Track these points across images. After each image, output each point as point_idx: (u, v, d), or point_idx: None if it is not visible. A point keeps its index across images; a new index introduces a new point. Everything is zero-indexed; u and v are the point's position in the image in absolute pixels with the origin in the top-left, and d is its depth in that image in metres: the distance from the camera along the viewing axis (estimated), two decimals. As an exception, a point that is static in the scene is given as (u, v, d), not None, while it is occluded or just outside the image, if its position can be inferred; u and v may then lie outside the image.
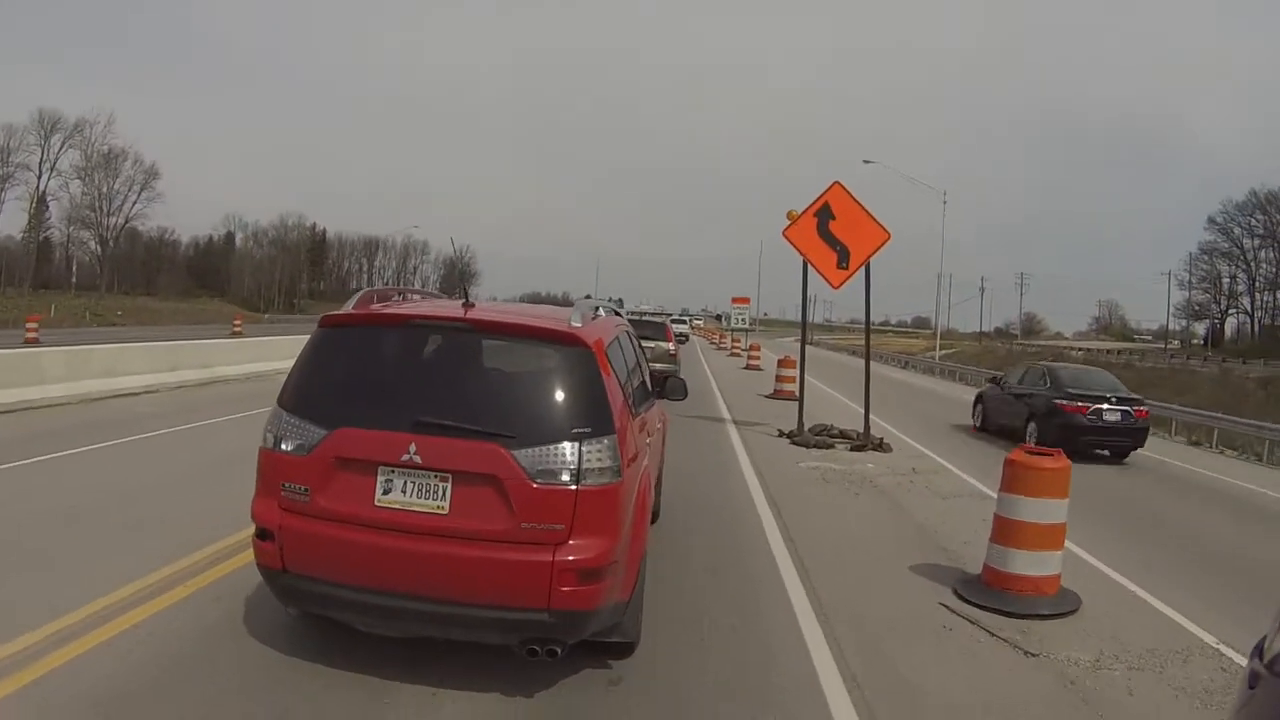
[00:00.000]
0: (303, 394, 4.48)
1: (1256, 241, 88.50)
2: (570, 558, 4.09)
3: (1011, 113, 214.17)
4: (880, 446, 13.95)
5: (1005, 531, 6.47)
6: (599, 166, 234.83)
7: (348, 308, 4.86)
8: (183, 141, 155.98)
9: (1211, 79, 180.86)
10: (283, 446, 4.34)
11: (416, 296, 6.09)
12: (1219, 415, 25.82)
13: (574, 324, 4.61)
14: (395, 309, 5.03)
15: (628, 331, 6.34)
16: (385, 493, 4.18)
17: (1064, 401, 15.83)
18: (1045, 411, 16.10)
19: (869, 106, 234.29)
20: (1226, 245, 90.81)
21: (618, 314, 6.68)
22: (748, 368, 36.32)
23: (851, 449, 13.77)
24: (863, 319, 15.03)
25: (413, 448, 4.13)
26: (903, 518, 9.29)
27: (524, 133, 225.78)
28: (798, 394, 15.83)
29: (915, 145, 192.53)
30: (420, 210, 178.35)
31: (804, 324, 16.74)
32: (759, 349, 40.68)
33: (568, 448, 4.17)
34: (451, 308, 4.93)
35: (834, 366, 43.38)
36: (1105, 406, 15.72)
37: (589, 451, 4.20)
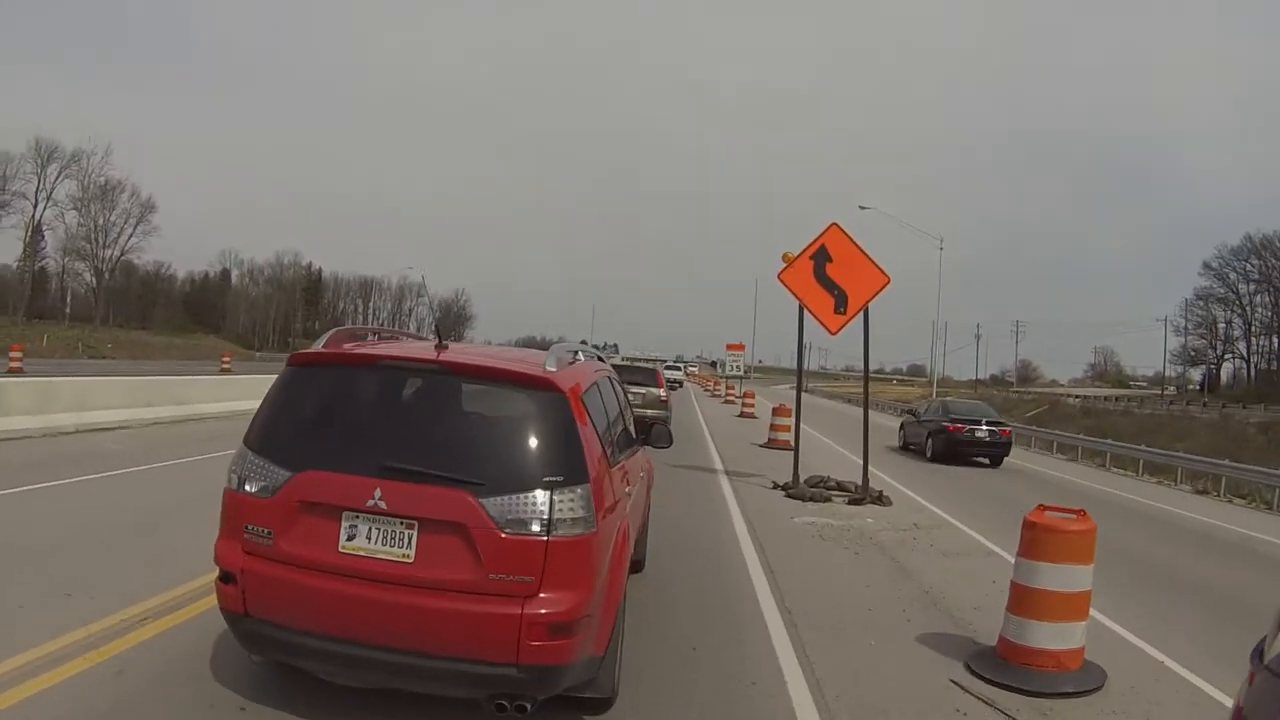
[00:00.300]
0: (269, 434, 4.36)
1: (1252, 286, 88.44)
2: (540, 611, 3.93)
3: (1008, 155, 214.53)
4: (880, 500, 13.32)
5: (1024, 601, 5.84)
6: (598, 168, 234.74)
7: (317, 346, 4.75)
8: (178, 150, 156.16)
9: (1209, 119, 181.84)
10: (246, 487, 4.23)
11: (408, 338, 5.97)
12: (1225, 462, 25.30)
13: (548, 368, 4.44)
14: (366, 349, 4.89)
15: (610, 377, 6.16)
16: (350, 539, 4.04)
17: (949, 424, 22.93)
18: (937, 431, 23.10)
19: (865, 146, 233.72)
20: (1222, 291, 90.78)
21: (600, 359, 6.59)
22: (742, 415, 35.73)
23: (849, 502, 13.15)
24: (858, 366, 14.53)
25: (378, 493, 4.00)
26: (906, 579, 8.65)
27: (520, 136, 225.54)
28: (793, 444, 15.24)
29: (911, 190, 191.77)
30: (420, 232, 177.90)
31: (799, 371, 16.16)
32: (753, 396, 40.12)
33: (538, 497, 4.02)
34: (423, 349, 4.82)
35: (830, 415, 43.01)
36: (978, 427, 22.91)
37: (561, 501, 4.04)
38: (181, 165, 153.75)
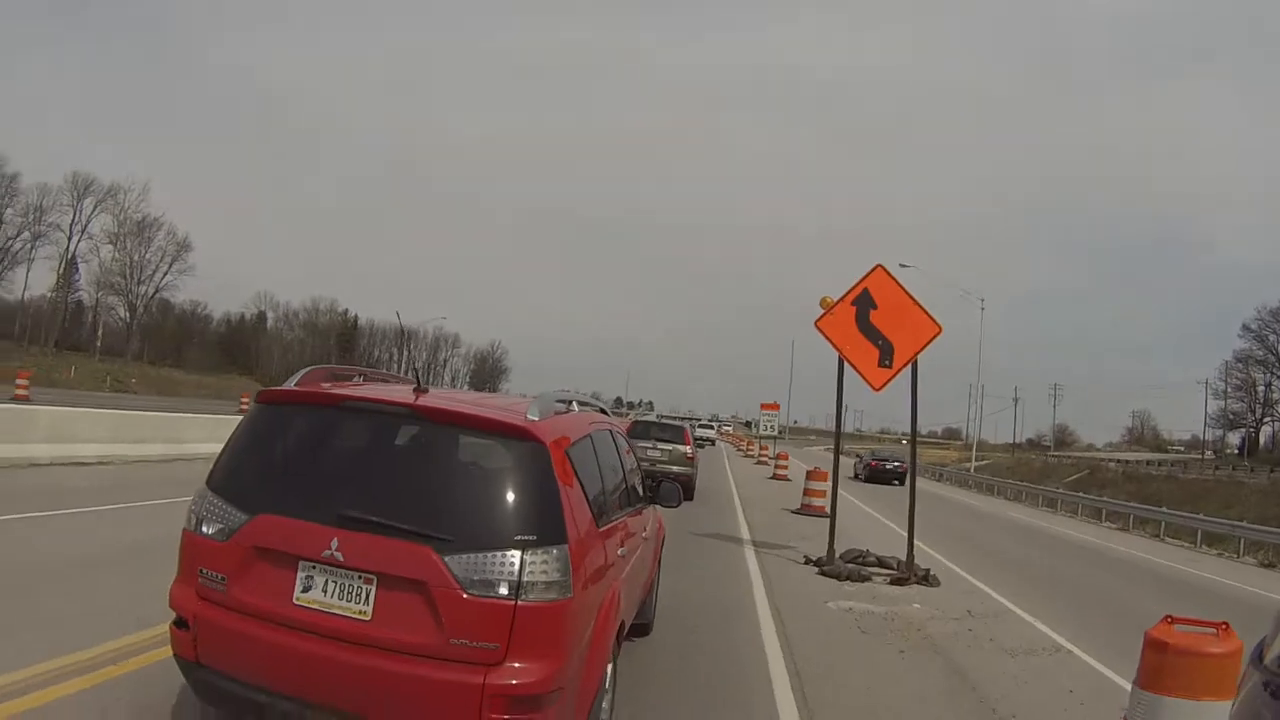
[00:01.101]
0: (230, 474, 4.19)
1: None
2: (507, 681, 3.62)
3: (1045, 219, 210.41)
4: (927, 579, 11.78)
5: (1146, 752, 4.41)
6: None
7: (290, 384, 4.48)
8: (221, 188, 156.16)
9: (1247, 181, 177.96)
10: (203, 529, 4.03)
11: (399, 381, 5.55)
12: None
13: (530, 417, 4.11)
14: (336, 389, 4.56)
15: (611, 430, 5.79)
16: (305, 590, 3.81)
17: (872, 461, 43.85)
18: (867, 465, 43.65)
19: (906, 215, 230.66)
20: (1261, 353, 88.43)
21: (603, 410, 6.34)
22: (774, 477, 34.15)
23: (892, 582, 11.61)
24: (895, 427, 13.32)
25: (335, 543, 3.75)
26: (967, 689, 7.11)
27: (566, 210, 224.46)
28: (829, 511, 13.68)
29: (951, 253, 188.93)
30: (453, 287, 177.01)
31: (838, 431, 14.57)
32: (787, 458, 38.50)
33: (508, 556, 3.72)
34: (400, 392, 4.56)
35: (867, 476, 41.89)
36: (888, 463, 43.14)
37: (533, 562, 3.73)
38: (222, 204, 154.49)
